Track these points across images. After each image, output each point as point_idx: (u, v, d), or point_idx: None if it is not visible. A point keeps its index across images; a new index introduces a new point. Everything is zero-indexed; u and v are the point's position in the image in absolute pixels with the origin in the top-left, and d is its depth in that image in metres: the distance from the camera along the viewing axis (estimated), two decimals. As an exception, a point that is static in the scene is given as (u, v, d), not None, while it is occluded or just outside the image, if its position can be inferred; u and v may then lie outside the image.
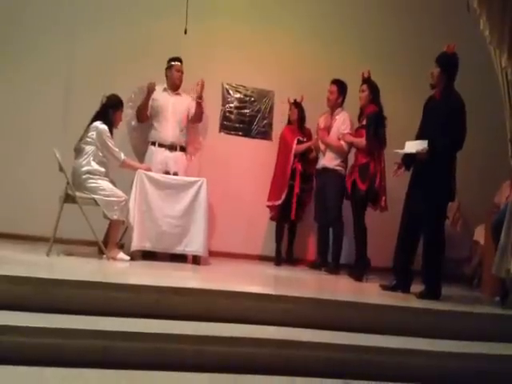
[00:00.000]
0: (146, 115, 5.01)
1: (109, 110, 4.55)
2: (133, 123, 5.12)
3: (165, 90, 5.09)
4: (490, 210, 4.94)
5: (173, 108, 5.03)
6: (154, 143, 4.99)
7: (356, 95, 5.10)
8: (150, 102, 5.00)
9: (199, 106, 5.04)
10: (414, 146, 4.08)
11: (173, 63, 5.08)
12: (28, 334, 2.59)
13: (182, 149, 5.08)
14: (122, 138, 5.05)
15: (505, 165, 4.29)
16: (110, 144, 4.48)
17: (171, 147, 4.99)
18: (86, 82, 5.29)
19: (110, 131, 4.52)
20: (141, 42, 5.49)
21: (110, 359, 2.62)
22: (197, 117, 5.12)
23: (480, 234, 5.29)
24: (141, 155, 5.08)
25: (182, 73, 5.09)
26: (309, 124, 5.67)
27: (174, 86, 5.10)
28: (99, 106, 4.56)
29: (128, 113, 5.03)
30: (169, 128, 4.99)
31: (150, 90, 4.87)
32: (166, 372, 2.63)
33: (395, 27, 6.17)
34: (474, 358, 3.14)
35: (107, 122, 4.51)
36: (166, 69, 5.11)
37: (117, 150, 4.53)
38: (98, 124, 4.46)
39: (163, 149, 4.96)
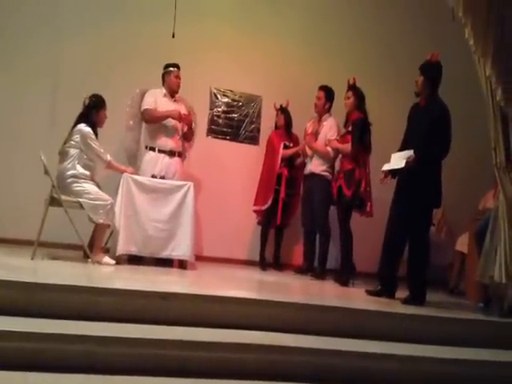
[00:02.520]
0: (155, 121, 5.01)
1: (91, 111, 4.53)
2: (131, 122, 5.14)
3: (165, 95, 5.09)
4: (474, 218, 5.00)
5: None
6: (152, 149, 4.98)
7: (343, 102, 5.13)
8: (155, 106, 5.00)
9: (191, 130, 5.17)
10: (401, 159, 4.11)
11: (171, 69, 5.08)
12: (11, 339, 2.56)
13: (179, 154, 5.10)
14: (113, 139, 5.06)
15: (489, 173, 4.34)
16: (94, 145, 4.45)
17: (171, 153, 5.00)
18: (73, 85, 5.25)
19: (95, 132, 4.50)
20: (129, 45, 5.48)
21: (94, 364, 2.60)
22: (188, 138, 5.23)
23: (463, 244, 5.34)
24: (132, 156, 5.12)
25: (180, 79, 5.11)
26: (296, 129, 5.70)
27: (173, 92, 5.12)
28: (82, 108, 4.54)
29: (126, 112, 5.08)
30: (169, 135, 5.01)
31: (177, 117, 4.94)
32: (151, 377, 2.61)
33: (382, 35, 6.23)
34: (458, 363, 3.17)
35: (91, 124, 4.48)
36: (164, 74, 5.11)
37: (102, 150, 4.50)
38: (82, 127, 4.43)
39: (163, 155, 4.97)
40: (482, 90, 4.01)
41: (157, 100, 5.00)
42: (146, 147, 5.03)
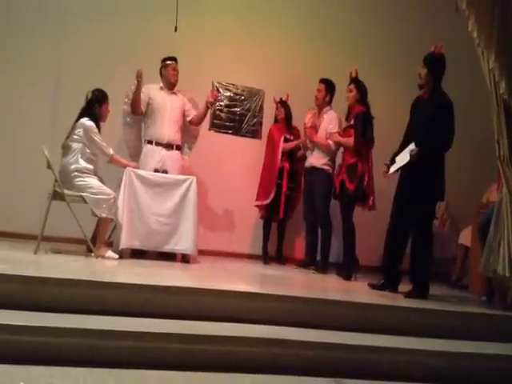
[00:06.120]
0: (139, 107, 4.97)
1: (94, 105, 4.54)
2: (128, 119, 5.14)
3: (161, 88, 5.10)
4: (478, 211, 4.99)
5: (170, 107, 5.04)
6: (150, 142, 4.99)
7: (344, 95, 5.11)
8: (147, 100, 5.00)
9: (206, 110, 5.12)
10: (405, 156, 4.10)
11: (168, 62, 5.08)
12: (15, 332, 2.57)
13: (178, 148, 5.09)
14: (114, 136, 5.06)
15: (493, 166, 4.32)
16: (97, 139, 4.46)
17: (168, 146, 4.99)
18: (76, 79, 5.25)
19: (98, 126, 4.51)
20: (131, 39, 5.46)
21: (98, 358, 2.61)
22: (200, 120, 5.18)
23: (465, 237, 5.33)
24: (133, 152, 5.10)
25: (178, 72, 5.10)
26: (297, 122, 5.68)
27: (170, 85, 5.11)
28: (85, 102, 4.54)
29: (123, 109, 5.06)
30: (166, 127, 4.99)
31: (138, 76, 4.75)
32: (154, 371, 2.62)
33: (385, 28, 6.21)
34: (460, 356, 3.17)
35: (94, 118, 4.49)
36: (161, 68, 5.11)
37: (105, 144, 4.52)
38: (85, 121, 4.44)
39: (160, 147, 4.96)
40: (485, 82, 3.99)
41: (150, 94, 5.00)
42: (145, 141, 5.04)
